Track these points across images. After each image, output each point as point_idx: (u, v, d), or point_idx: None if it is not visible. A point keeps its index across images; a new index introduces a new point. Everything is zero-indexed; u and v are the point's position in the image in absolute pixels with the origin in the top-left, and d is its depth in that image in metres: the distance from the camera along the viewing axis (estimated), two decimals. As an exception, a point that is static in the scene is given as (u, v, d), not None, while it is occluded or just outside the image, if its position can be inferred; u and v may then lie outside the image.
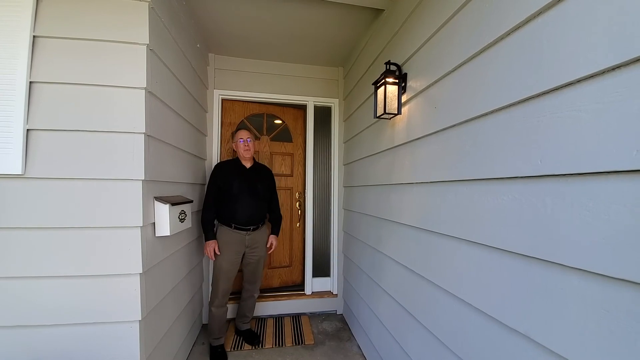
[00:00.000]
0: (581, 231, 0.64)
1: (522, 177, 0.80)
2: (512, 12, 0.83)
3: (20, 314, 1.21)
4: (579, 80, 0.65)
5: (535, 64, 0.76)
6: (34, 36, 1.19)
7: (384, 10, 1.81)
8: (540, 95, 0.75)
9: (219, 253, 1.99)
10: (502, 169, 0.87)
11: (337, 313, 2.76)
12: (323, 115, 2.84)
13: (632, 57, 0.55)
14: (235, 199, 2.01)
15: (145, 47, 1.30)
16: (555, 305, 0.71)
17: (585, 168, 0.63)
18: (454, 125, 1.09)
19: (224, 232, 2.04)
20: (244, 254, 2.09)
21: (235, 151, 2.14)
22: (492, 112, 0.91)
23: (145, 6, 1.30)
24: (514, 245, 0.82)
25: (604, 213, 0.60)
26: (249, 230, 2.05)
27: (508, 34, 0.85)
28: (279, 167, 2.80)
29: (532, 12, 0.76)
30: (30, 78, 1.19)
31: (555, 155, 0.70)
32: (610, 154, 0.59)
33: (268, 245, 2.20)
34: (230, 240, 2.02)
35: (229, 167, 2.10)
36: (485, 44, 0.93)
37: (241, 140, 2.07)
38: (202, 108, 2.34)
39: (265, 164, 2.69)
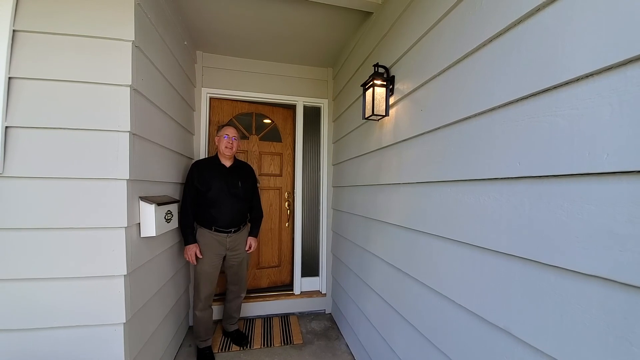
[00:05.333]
0: (556, 230, 0.68)
1: (501, 178, 0.83)
2: (493, 20, 0.86)
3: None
4: (555, 87, 0.69)
5: (514, 70, 0.79)
6: (13, 30, 1.15)
7: (373, 13, 1.83)
8: (519, 100, 0.78)
9: (201, 257, 1.93)
10: (483, 170, 0.90)
11: (326, 312, 2.77)
12: (312, 115, 2.84)
13: (605, 66, 0.58)
14: (215, 201, 1.94)
15: (130, 43, 1.27)
16: (533, 301, 0.74)
17: (560, 170, 0.67)
18: (438, 128, 1.12)
19: (203, 234, 1.97)
20: (225, 257, 2.05)
21: (217, 146, 2.04)
22: (474, 115, 0.94)
23: (131, 2, 1.28)
24: (495, 244, 0.85)
25: (577, 213, 0.63)
26: (230, 232, 2.00)
27: (490, 40, 0.88)
28: (267, 166, 2.79)
29: (512, 21, 0.79)
30: (9, 74, 1.14)
31: (533, 158, 0.74)
32: (583, 157, 0.62)
33: (247, 248, 2.14)
34: (211, 243, 1.96)
35: (207, 167, 1.99)
36: (468, 50, 0.96)
37: (225, 136, 1.98)
38: (190, 106, 2.31)
39: (254, 164, 2.69)
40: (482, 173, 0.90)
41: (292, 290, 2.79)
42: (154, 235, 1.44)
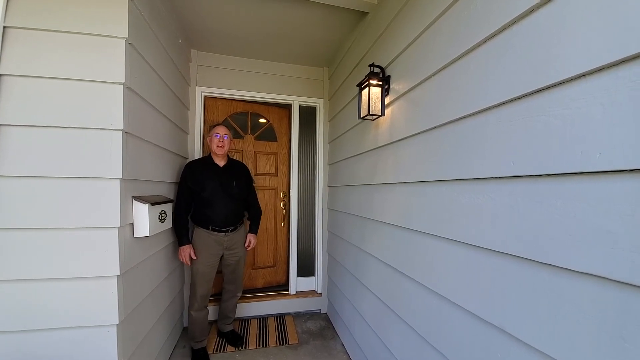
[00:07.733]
0: (550, 229, 0.68)
1: (496, 177, 0.84)
2: (488, 21, 0.86)
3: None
4: (548, 87, 0.69)
5: (508, 70, 0.80)
6: (4, 27, 1.13)
7: (368, 13, 1.84)
8: (513, 100, 0.79)
9: (195, 258, 1.92)
10: (478, 169, 0.90)
11: (322, 312, 2.77)
12: (308, 115, 2.84)
13: (597, 66, 0.59)
14: (210, 202, 1.93)
15: (124, 41, 1.26)
16: (527, 299, 0.74)
17: (554, 169, 0.67)
18: (434, 128, 1.13)
19: (200, 234, 1.96)
20: (222, 256, 2.04)
21: (209, 146, 2.03)
22: (469, 115, 0.94)
23: (124, -1, 1.26)
24: (490, 243, 0.86)
25: (570, 211, 0.64)
26: (227, 231, 2.00)
27: (484, 41, 0.89)
28: (263, 166, 2.78)
29: (507, 21, 0.80)
30: (-1, 70, 1.13)
31: (527, 157, 0.74)
32: (576, 156, 0.63)
33: (246, 245, 2.15)
34: (208, 242, 1.95)
35: (200, 167, 1.98)
36: (463, 50, 0.96)
37: (217, 135, 1.97)
38: (184, 105, 2.28)
39: (249, 163, 2.67)
40: (477, 172, 0.91)
41: (287, 290, 2.78)
42: (148, 235, 1.42)
